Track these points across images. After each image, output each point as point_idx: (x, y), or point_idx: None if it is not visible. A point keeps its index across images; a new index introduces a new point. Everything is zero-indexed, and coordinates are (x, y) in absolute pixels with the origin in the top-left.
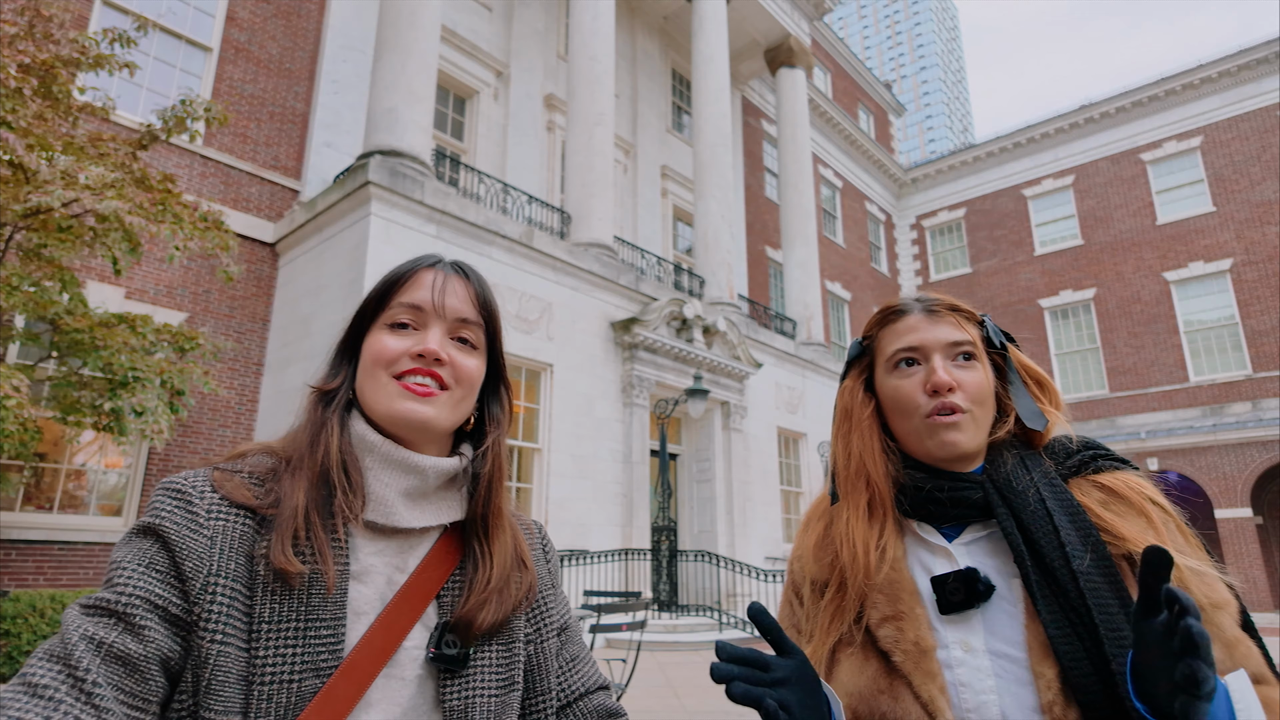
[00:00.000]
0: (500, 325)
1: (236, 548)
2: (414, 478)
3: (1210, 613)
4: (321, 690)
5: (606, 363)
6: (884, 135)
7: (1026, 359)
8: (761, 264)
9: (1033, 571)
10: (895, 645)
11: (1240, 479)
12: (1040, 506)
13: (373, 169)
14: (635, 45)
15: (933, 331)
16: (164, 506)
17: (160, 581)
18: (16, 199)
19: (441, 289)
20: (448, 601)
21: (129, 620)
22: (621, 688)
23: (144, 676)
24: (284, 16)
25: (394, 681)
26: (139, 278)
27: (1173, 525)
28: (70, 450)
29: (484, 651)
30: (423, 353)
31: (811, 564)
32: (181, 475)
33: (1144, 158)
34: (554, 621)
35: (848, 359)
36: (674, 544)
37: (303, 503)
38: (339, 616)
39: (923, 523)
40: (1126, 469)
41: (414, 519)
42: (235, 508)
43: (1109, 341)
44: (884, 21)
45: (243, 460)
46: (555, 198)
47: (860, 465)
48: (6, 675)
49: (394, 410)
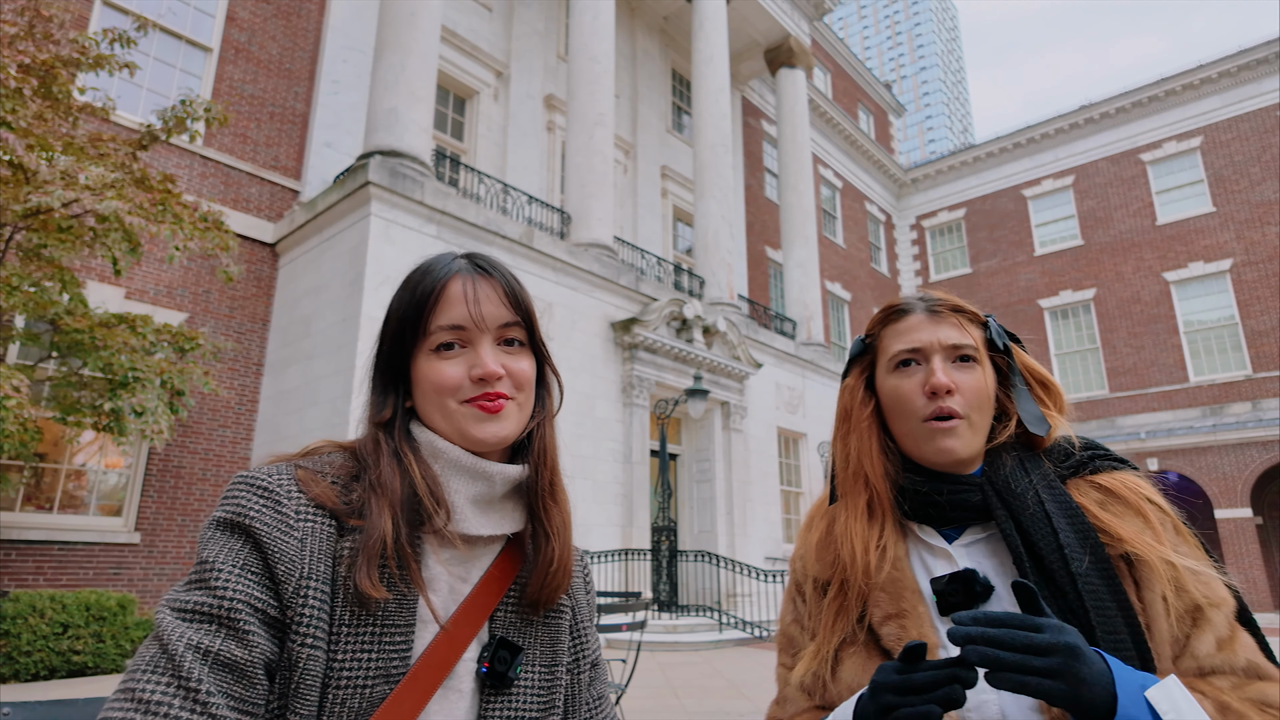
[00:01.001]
0: (535, 314)
1: (324, 550)
2: (482, 484)
3: (1207, 611)
4: (389, 697)
5: (607, 363)
6: (884, 135)
7: (1031, 361)
8: (761, 264)
9: (1031, 573)
10: (898, 643)
11: (1240, 479)
12: (1039, 509)
13: (373, 169)
14: (635, 45)
15: (934, 332)
16: (251, 504)
17: (257, 584)
18: (16, 199)
19: (476, 300)
20: (500, 617)
21: (234, 625)
22: (621, 688)
23: (252, 682)
24: (284, 16)
25: (451, 694)
26: (139, 278)
27: (1170, 524)
28: (70, 450)
29: (529, 671)
30: (484, 376)
31: (814, 563)
32: (264, 471)
33: (1144, 158)
34: (589, 654)
35: (849, 356)
36: (674, 544)
37: (390, 530)
38: (411, 624)
39: (923, 525)
40: (1125, 469)
41: (483, 526)
42: (320, 509)
43: (1109, 342)
44: (884, 21)
45: (321, 459)
46: (555, 198)
47: (858, 467)
48: (6, 676)
49: (473, 435)
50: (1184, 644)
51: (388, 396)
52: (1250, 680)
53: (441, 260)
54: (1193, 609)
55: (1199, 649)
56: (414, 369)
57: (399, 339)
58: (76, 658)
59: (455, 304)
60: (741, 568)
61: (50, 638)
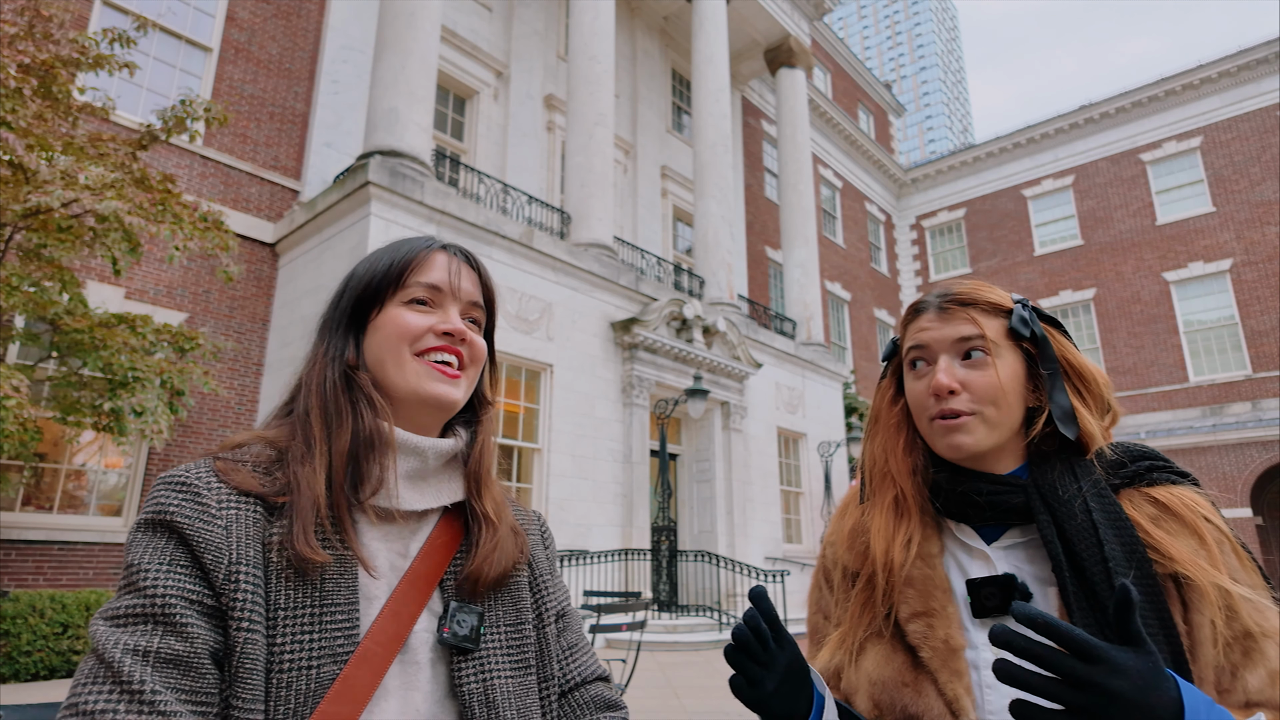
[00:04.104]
0: (496, 309)
1: (252, 535)
2: (414, 459)
3: (1260, 641)
4: (340, 677)
5: (606, 363)
6: (884, 135)
7: (1072, 350)
8: (761, 264)
9: (1071, 584)
10: (924, 641)
11: (1240, 479)
12: (1086, 517)
13: (373, 169)
14: (635, 45)
15: (940, 330)
16: (171, 500)
17: (188, 576)
18: (16, 199)
19: (457, 272)
20: (451, 585)
21: (169, 620)
22: (621, 688)
23: (200, 673)
24: (284, 16)
25: (409, 666)
26: (139, 278)
27: (1228, 547)
28: (70, 450)
29: (494, 633)
30: (450, 331)
31: (844, 551)
32: (182, 468)
33: (1144, 158)
34: (553, 606)
35: (882, 357)
36: (674, 544)
37: (323, 490)
38: (353, 601)
39: (961, 523)
40: (1184, 483)
41: (415, 501)
42: (244, 496)
43: (1109, 342)
44: (884, 21)
45: (243, 450)
46: (555, 198)
47: (884, 465)
48: (6, 676)
49: (424, 391)
50: (1233, 675)
51: (348, 342)
52: None
53: (427, 238)
54: (1243, 636)
55: (1251, 682)
56: (375, 320)
57: (368, 292)
58: (76, 658)
59: (437, 268)
60: (741, 567)
61: (50, 638)
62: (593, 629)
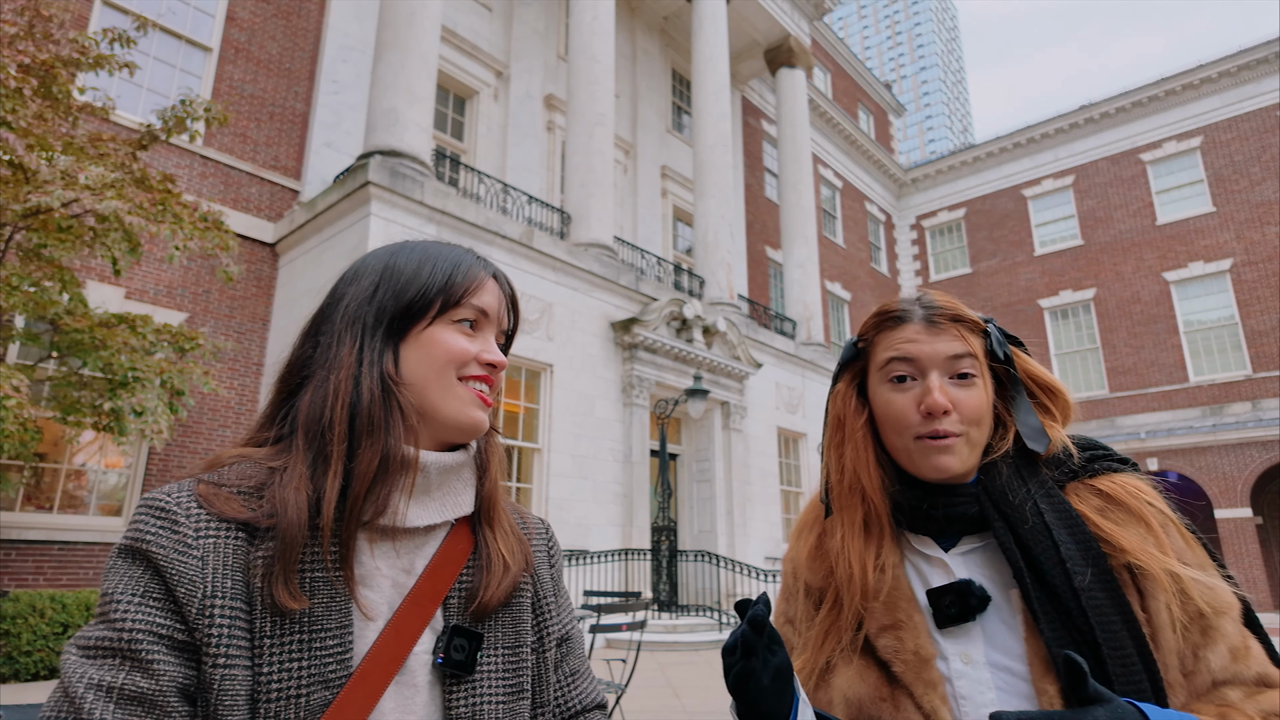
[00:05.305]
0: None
1: (230, 565)
2: (423, 477)
3: (1214, 620)
4: (333, 703)
5: (606, 363)
6: (884, 135)
7: (1035, 366)
8: (761, 264)
9: (1032, 587)
10: (895, 655)
11: (1240, 479)
12: (1038, 520)
13: (373, 169)
14: (635, 45)
15: (932, 344)
16: (149, 528)
17: (160, 610)
18: (16, 199)
19: (502, 300)
20: (454, 604)
21: (136, 656)
22: (621, 688)
23: (165, 711)
24: (284, 16)
25: (405, 689)
26: (139, 278)
27: (1173, 529)
28: (70, 450)
29: (491, 656)
30: (494, 363)
31: (806, 572)
32: (164, 491)
33: (1144, 158)
34: (555, 631)
35: (840, 361)
36: (674, 544)
37: (306, 521)
38: (345, 625)
39: (919, 535)
40: (1125, 470)
41: (421, 517)
42: (224, 522)
43: (1109, 342)
44: (884, 21)
45: (227, 470)
46: (555, 198)
47: (854, 480)
48: (6, 676)
49: (466, 417)
50: (1195, 657)
51: (387, 350)
52: (1260, 690)
53: (472, 255)
54: (1198, 617)
55: (1213, 661)
56: (420, 334)
57: (421, 300)
58: None
59: (489, 293)
60: (741, 567)
61: (50, 638)
62: (593, 629)
